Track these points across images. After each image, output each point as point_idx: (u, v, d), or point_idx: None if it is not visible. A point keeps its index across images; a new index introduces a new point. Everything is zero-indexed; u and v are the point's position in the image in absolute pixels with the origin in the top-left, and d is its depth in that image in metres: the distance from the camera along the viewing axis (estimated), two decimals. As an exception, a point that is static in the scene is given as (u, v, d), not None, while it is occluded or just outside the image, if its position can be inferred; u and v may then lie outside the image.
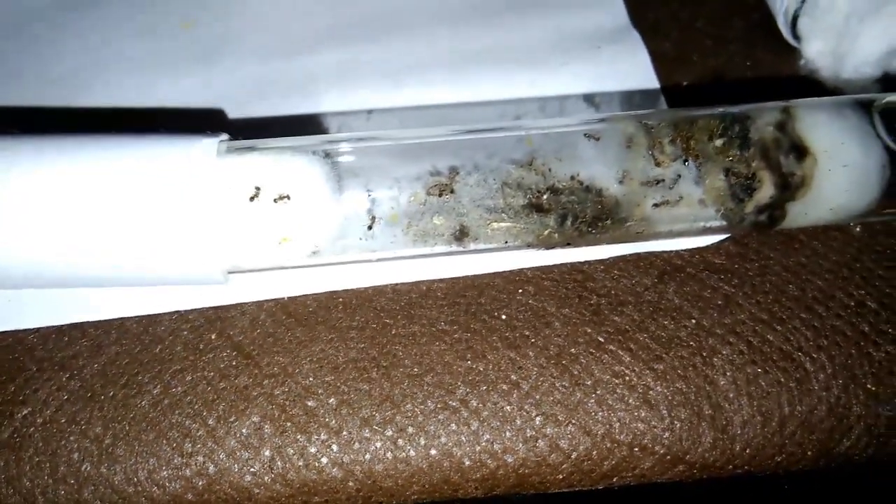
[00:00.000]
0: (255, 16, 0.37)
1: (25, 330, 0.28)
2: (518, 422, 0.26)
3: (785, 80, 0.34)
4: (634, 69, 0.34)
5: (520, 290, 0.28)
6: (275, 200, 0.24)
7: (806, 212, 0.27)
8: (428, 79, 0.33)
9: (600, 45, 0.35)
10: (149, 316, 0.28)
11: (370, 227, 0.25)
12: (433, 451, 0.26)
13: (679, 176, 0.26)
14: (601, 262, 0.29)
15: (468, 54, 0.34)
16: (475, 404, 0.26)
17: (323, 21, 0.36)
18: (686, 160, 0.26)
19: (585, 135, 0.26)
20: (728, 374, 0.27)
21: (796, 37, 0.34)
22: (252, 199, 0.24)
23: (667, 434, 0.26)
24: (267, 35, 0.36)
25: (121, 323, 0.28)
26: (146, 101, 0.33)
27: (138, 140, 0.25)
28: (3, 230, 0.24)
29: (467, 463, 0.26)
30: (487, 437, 0.26)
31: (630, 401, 0.26)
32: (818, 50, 0.33)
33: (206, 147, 0.25)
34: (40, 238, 0.24)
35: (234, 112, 0.33)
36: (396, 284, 0.28)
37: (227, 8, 0.37)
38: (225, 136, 0.26)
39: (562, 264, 0.29)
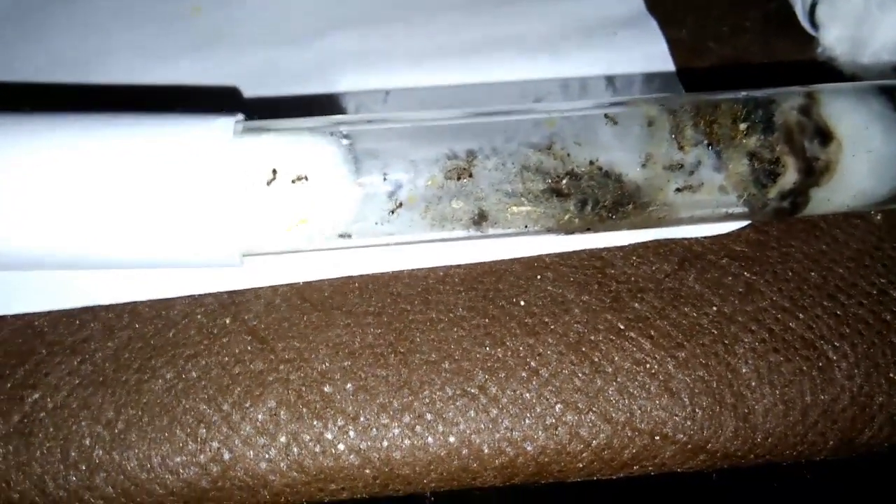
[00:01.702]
0: (267, 0, 0.36)
1: (36, 313, 0.27)
2: (538, 409, 0.26)
3: (802, 67, 0.34)
4: (651, 55, 0.33)
5: (538, 277, 0.28)
6: (292, 182, 0.24)
7: (829, 198, 0.27)
8: (445, 60, 0.33)
9: (617, 30, 0.34)
10: (162, 300, 0.27)
11: (393, 212, 0.25)
12: (451, 439, 0.25)
13: (700, 161, 0.26)
14: (620, 248, 0.28)
15: (486, 37, 0.34)
16: (494, 391, 0.26)
17: (339, 3, 0.36)
18: (709, 144, 0.26)
19: (606, 115, 0.26)
20: (750, 362, 0.26)
21: (814, 24, 0.34)
22: (269, 180, 0.24)
23: (688, 422, 0.26)
24: (281, 17, 0.35)
25: (133, 307, 0.27)
26: (159, 80, 0.32)
27: (153, 119, 0.25)
28: (15, 210, 0.23)
29: (486, 450, 0.25)
30: (506, 424, 0.25)
31: (651, 389, 0.26)
32: (836, 37, 0.33)
33: (223, 127, 0.24)
34: (52, 218, 0.23)
35: (249, 92, 0.32)
36: (413, 269, 0.28)
37: None
38: (241, 116, 0.25)
39: (581, 250, 0.28)
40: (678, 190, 0.26)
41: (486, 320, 0.27)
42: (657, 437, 0.26)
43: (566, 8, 0.35)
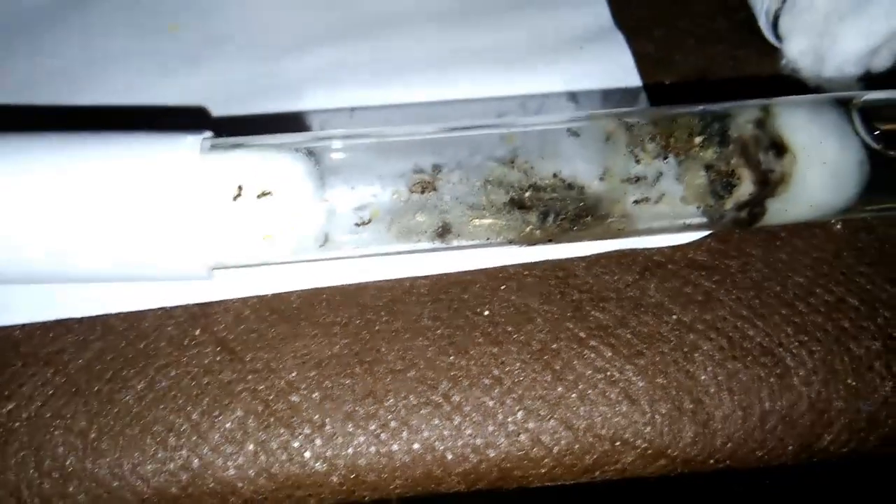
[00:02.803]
0: (241, 18, 0.37)
1: (10, 326, 0.28)
2: (500, 416, 0.26)
3: (767, 80, 0.34)
4: (617, 68, 0.34)
5: (502, 287, 0.28)
6: (258, 197, 0.25)
7: (786, 209, 0.27)
8: (411, 77, 0.34)
9: (583, 44, 0.35)
10: (133, 312, 0.28)
11: (359, 225, 0.25)
12: (416, 446, 0.26)
13: (660, 173, 0.26)
14: (583, 258, 0.29)
15: (451, 53, 0.35)
16: (457, 399, 0.26)
17: (306, 22, 0.36)
18: (666, 157, 0.26)
19: (568, 130, 0.26)
20: (709, 369, 0.27)
21: (778, 36, 0.34)
22: (236, 196, 0.25)
23: (648, 429, 0.26)
24: (252, 36, 0.36)
25: (106, 319, 0.28)
26: (131, 100, 0.33)
27: (122, 138, 0.25)
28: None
29: (450, 457, 0.26)
30: (470, 431, 0.26)
31: (611, 396, 0.27)
32: (799, 49, 0.33)
33: (190, 144, 0.25)
34: (24, 234, 0.24)
35: (218, 111, 0.33)
36: (379, 281, 0.29)
37: (213, 11, 0.37)
38: (209, 134, 0.26)
39: (544, 261, 0.29)
40: (636, 202, 0.26)
41: (451, 330, 0.28)
42: (618, 443, 0.26)
43: (532, 23, 0.36)
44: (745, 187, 0.26)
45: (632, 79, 0.34)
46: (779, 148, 0.26)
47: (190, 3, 0.37)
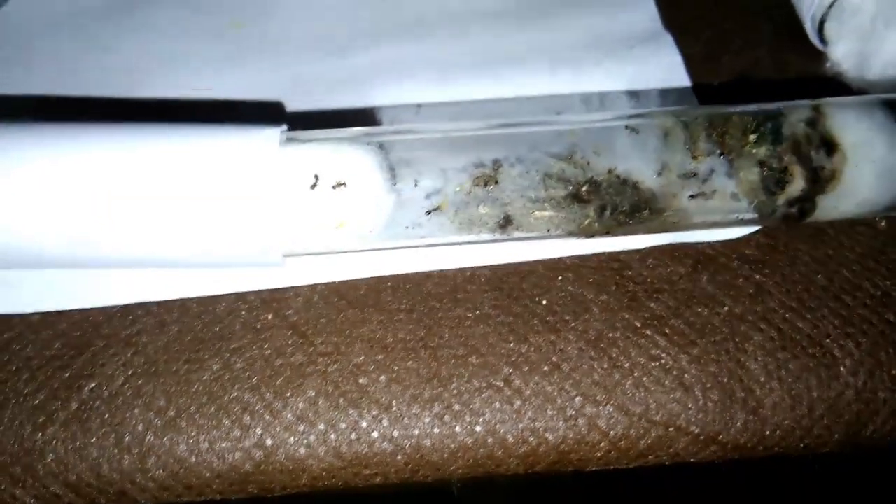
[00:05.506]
0: (304, 17, 0.38)
1: (93, 308, 0.29)
2: (559, 401, 0.27)
3: (811, 82, 0.35)
4: (667, 69, 0.35)
5: (560, 277, 0.30)
6: (332, 187, 0.26)
7: (835, 205, 0.28)
8: (472, 75, 0.35)
9: (633, 45, 0.36)
10: (209, 297, 0.29)
11: (428, 213, 0.26)
12: (478, 428, 0.27)
13: (713, 170, 0.27)
14: (637, 251, 0.30)
15: (510, 54, 0.36)
16: (518, 384, 0.27)
17: (371, 21, 0.38)
18: (721, 154, 0.27)
19: (627, 127, 0.27)
20: (759, 359, 0.28)
21: (823, 40, 0.35)
22: (312, 186, 0.26)
23: (700, 415, 0.27)
24: (317, 35, 0.37)
25: (183, 303, 0.29)
26: (208, 94, 0.34)
27: (204, 130, 0.26)
28: (75, 214, 0.25)
29: (510, 439, 0.27)
30: (529, 415, 0.27)
31: (666, 383, 0.28)
32: (844, 52, 0.34)
33: (269, 136, 0.26)
34: (113, 221, 0.25)
35: (290, 106, 0.34)
36: (443, 270, 0.30)
37: (276, 9, 0.38)
38: (285, 127, 0.27)
39: (600, 253, 0.30)
40: (692, 197, 0.27)
41: (511, 318, 0.29)
42: (671, 429, 0.27)
43: (586, 25, 0.37)
44: (797, 184, 0.27)
45: (681, 78, 0.35)
46: (829, 146, 0.27)
47: (252, 3, 0.39)
